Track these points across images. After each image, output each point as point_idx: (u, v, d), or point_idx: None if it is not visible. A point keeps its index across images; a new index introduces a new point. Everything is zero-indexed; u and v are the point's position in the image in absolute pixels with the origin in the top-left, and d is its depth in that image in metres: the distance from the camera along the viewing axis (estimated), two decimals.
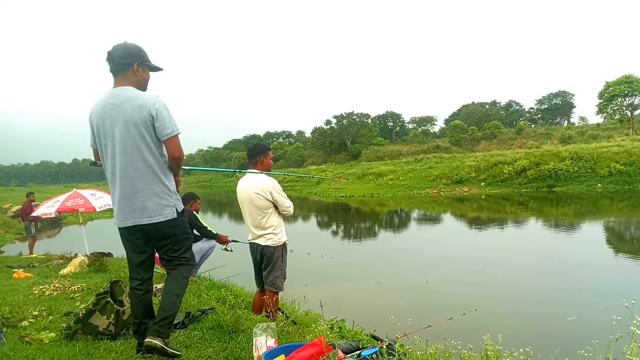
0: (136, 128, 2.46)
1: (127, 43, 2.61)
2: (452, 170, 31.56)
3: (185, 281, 2.70)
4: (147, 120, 2.47)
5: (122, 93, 2.51)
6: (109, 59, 2.56)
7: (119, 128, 2.47)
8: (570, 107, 70.70)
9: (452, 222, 18.54)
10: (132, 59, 2.56)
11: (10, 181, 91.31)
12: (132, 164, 2.49)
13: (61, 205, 9.78)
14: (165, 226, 2.57)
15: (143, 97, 2.51)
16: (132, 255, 2.68)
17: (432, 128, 75.44)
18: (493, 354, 2.32)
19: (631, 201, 19.71)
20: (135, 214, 2.52)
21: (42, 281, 6.03)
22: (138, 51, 2.60)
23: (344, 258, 11.43)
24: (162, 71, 2.78)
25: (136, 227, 2.56)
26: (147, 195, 2.51)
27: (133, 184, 2.50)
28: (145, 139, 2.49)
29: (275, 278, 3.85)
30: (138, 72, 2.59)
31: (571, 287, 8.10)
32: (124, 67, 2.56)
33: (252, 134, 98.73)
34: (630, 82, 39.87)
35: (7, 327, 3.44)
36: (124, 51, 2.56)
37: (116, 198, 2.57)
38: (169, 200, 2.58)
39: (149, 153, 2.51)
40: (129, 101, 2.48)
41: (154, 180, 2.53)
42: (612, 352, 1.92)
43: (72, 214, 22.34)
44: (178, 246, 2.67)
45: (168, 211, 2.56)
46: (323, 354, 2.49)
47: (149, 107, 2.47)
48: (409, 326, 3.10)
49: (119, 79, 2.58)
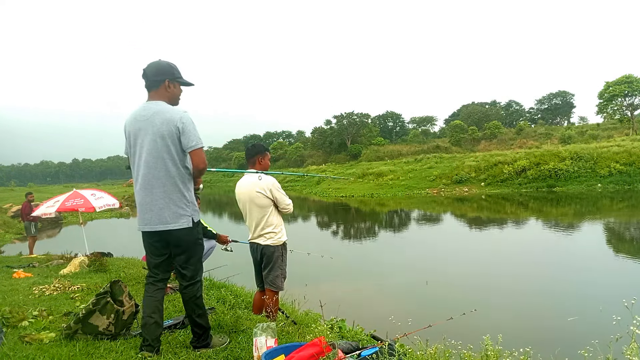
0: (163, 140, 2.63)
1: (160, 61, 2.79)
2: (452, 170, 31.56)
3: (199, 301, 2.88)
4: (173, 133, 2.63)
5: (153, 107, 2.69)
6: (143, 76, 2.75)
7: (148, 139, 2.66)
8: (570, 107, 70.72)
9: (452, 222, 18.53)
10: (163, 76, 2.74)
11: (10, 181, 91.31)
12: (155, 173, 2.66)
13: (61, 205, 9.78)
14: (180, 234, 2.72)
15: (171, 111, 2.68)
16: (151, 256, 2.87)
17: (432, 128, 75.50)
18: (493, 354, 2.32)
19: (631, 201, 19.71)
20: (153, 220, 2.70)
21: (42, 281, 6.03)
22: (170, 68, 2.77)
23: (344, 258, 11.44)
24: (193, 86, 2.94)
25: (154, 232, 2.73)
26: (165, 203, 2.68)
27: (154, 192, 2.68)
28: (170, 150, 2.65)
29: (275, 277, 3.85)
30: (169, 88, 2.77)
31: (571, 287, 8.10)
32: (157, 83, 2.74)
33: (252, 134, 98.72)
34: (630, 82, 39.87)
35: (7, 327, 3.44)
36: (156, 68, 2.74)
37: (139, 204, 2.75)
38: (186, 210, 2.73)
39: (172, 164, 2.67)
40: (158, 115, 2.65)
41: (173, 190, 2.69)
42: (612, 352, 1.92)
43: (72, 214, 22.35)
44: (191, 254, 2.81)
45: (184, 220, 2.72)
46: (323, 354, 2.49)
47: (176, 121, 2.63)
48: (409, 326, 3.10)
49: (152, 94, 2.76)
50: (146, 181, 2.67)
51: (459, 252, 11.95)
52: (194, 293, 2.85)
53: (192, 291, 2.84)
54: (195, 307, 2.86)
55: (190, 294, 2.84)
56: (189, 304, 2.85)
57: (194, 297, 2.85)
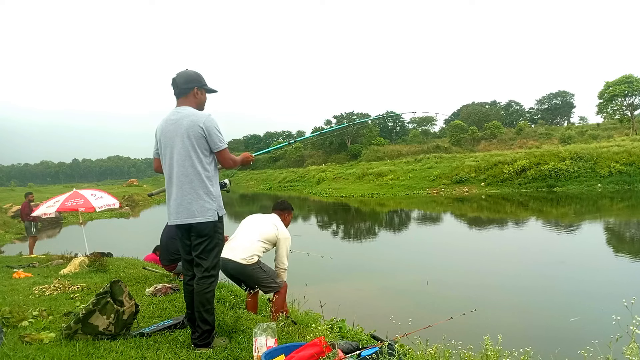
0: (189, 140, 2.86)
1: (188, 70, 3.02)
2: (452, 170, 31.55)
3: (209, 295, 2.92)
4: (198, 134, 2.86)
5: (181, 111, 2.94)
6: (173, 85, 2.98)
7: (176, 141, 2.89)
8: (570, 107, 70.69)
9: (452, 222, 18.53)
10: (193, 84, 2.98)
11: (10, 181, 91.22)
12: (183, 170, 2.88)
13: (61, 205, 9.78)
14: (204, 227, 2.89)
15: (197, 115, 2.91)
16: (183, 254, 3.05)
17: (432, 128, 75.37)
18: (493, 354, 2.32)
19: (631, 201, 19.71)
20: (182, 214, 2.88)
21: (42, 281, 6.02)
22: (197, 77, 3.01)
23: (344, 258, 11.44)
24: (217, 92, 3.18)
25: (182, 225, 2.92)
26: (193, 198, 2.87)
27: (183, 188, 2.88)
28: (196, 150, 2.87)
29: (269, 284, 3.89)
30: (197, 95, 3.01)
31: (571, 287, 8.10)
32: (186, 90, 2.98)
33: (252, 134, 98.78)
34: (630, 82, 39.85)
35: (7, 327, 3.44)
36: (186, 77, 2.98)
37: (171, 200, 2.94)
38: (212, 204, 2.91)
39: (198, 162, 2.88)
40: (186, 118, 2.89)
41: (200, 186, 2.88)
42: (612, 352, 1.92)
43: (72, 214, 22.34)
44: (211, 245, 2.93)
45: (210, 214, 2.90)
46: (323, 354, 2.50)
47: (201, 123, 2.86)
48: (409, 326, 3.10)
49: (181, 100, 3.00)
50: (177, 179, 2.89)
51: (459, 252, 11.94)
52: (207, 286, 2.89)
53: (206, 284, 2.89)
54: (205, 301, 2.89)
55: (204, 286, 2.88)
56: (200, 296, 2.87)
57: (206, 291, 2.89)
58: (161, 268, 6.27)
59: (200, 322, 2.91)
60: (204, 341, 2.93)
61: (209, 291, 2.91)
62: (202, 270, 2.89)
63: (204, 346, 2.92)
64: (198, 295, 2.88)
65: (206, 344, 2.94)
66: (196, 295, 2.88)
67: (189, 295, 2.98)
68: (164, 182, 3.09)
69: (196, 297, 2.88)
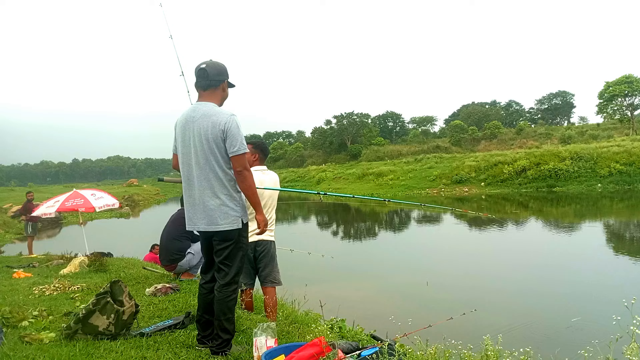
0: (208, 143, 2.64)
1: (215, 61, 2.77)
2: (452, 170, 31.57)
3: (231, 304, 2.77)
4: (218, 137, 2.63)
5: (201, 108, 2.70)
6: (201, 75, 2.71)
7: (195, 141, 2.68)
8: (570, 107, 70.70)
9: (452, 222, 18.53)
10: (223, 76, 2.77)
11: (10, 181, 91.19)
12: (204, 174, 2.68)
13: (61, 205, 9.77)
14: (227, 234, 2.71)
15: (219, 114, 2.67)
16: (204, 253, 2.93)
17: (432, 128, 75.41)
18: (493, 354, 2.31)
19: (631, 201, 19.71)
20: (203, 220, 2.71)
21: (42, 281, 6.01)
22: (226, 69, 2.81)
23: (344, 258, 11.43)
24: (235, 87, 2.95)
25: (204, 232, 2.77)
26: (216, 205, 2.68)
27: (205, 193, 2.69)
28: (215, 153, 2.66)
29: (276, 273, 3.88)
30: (225, 90, 2.83)
31: (571, 287, 8.10)
32: (217, 83, 2.75)
33: (251, 134, 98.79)
34: (630, 82, 39.88)
35: (7, 327, 3.44)
36: (218, 69, 2.74)
37: (191, 205, 2.76)
38: (236, 211, 2.73)
39: (218, 166, 2.67)
40: (206, 117, 2.66)
41: (222, 191, 2.69)
42: (612, 352, 1.92)
43: (72, 214, 22.31)
44: (234, 252, 2.76)
45: (234, 220, 2.71)
46: (323, 354, 2.49)
47: (222, 125, 2.63)
48: (409, 326, 3.10)
49: (206, 93, 2.75)
50: (197, 182, 2.70)
51: (459, 252, 11.94)
52: (229, 294, 2.75)
53: (228, 292, 2.75)
54: (227, 310, 2.75)
55: (226, 294, 2.74)
56: (222, 304, 2.73)
57: (229, 299, 2.75)
58: (161, 268, 6.26)
59: (220, 330, 2.76)
60: (221, 348, 2.78)
61: (232, 299, 2.77)
62: (225, 276, 2.74)
63: (221, 354, 2.77)
64: (219, 303, 2.73)
65: (223, 352, 2.80)
66: (217, 303, 2.74)
67: (203, 297, 2.85)
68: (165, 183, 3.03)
69: (217, 306, 2.74)
